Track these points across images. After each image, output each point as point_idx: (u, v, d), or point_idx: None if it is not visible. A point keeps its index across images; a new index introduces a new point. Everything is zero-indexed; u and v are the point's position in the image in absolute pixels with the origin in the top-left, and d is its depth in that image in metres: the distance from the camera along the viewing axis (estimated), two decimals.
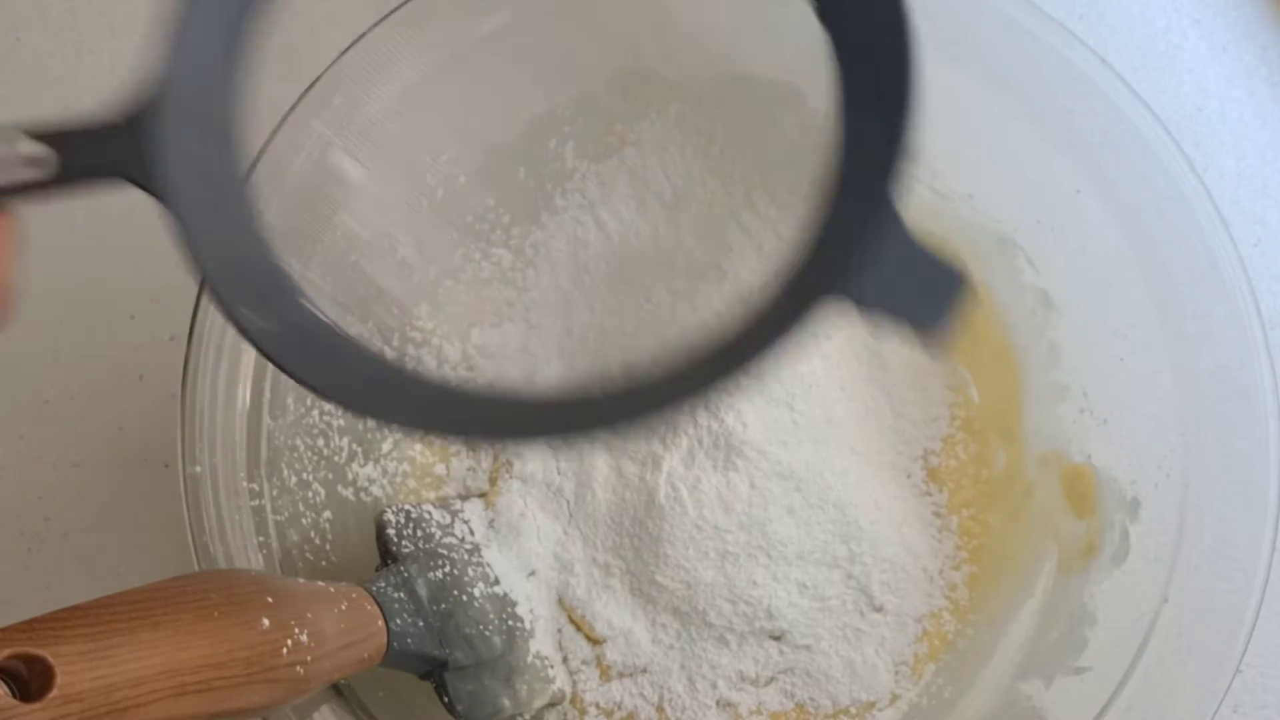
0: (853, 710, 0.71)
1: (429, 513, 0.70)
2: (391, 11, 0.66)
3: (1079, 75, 0.68)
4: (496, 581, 0.69)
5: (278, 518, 0.65)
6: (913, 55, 0.41)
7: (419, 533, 0.68)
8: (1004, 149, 0.72)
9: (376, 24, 0.66)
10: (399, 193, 0.72)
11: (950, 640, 0.73)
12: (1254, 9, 0.85)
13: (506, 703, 0.67)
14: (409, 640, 0.63)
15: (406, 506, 0.69)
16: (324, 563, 0.67)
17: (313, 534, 0.67)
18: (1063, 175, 0.69)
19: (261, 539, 0.63)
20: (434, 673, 0.65)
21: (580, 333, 0.77)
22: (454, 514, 0.71)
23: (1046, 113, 0.69)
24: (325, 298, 0.69)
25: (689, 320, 0.75)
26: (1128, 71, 0.68)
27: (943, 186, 0.75)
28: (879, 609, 0.72)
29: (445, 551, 0.67)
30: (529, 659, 0.69)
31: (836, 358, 0.74)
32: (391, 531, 0.68)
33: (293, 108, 0.65)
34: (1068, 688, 0.65)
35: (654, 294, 0.76)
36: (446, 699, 0.65)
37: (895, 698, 0.72)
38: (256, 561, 0.62)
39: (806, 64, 0.73)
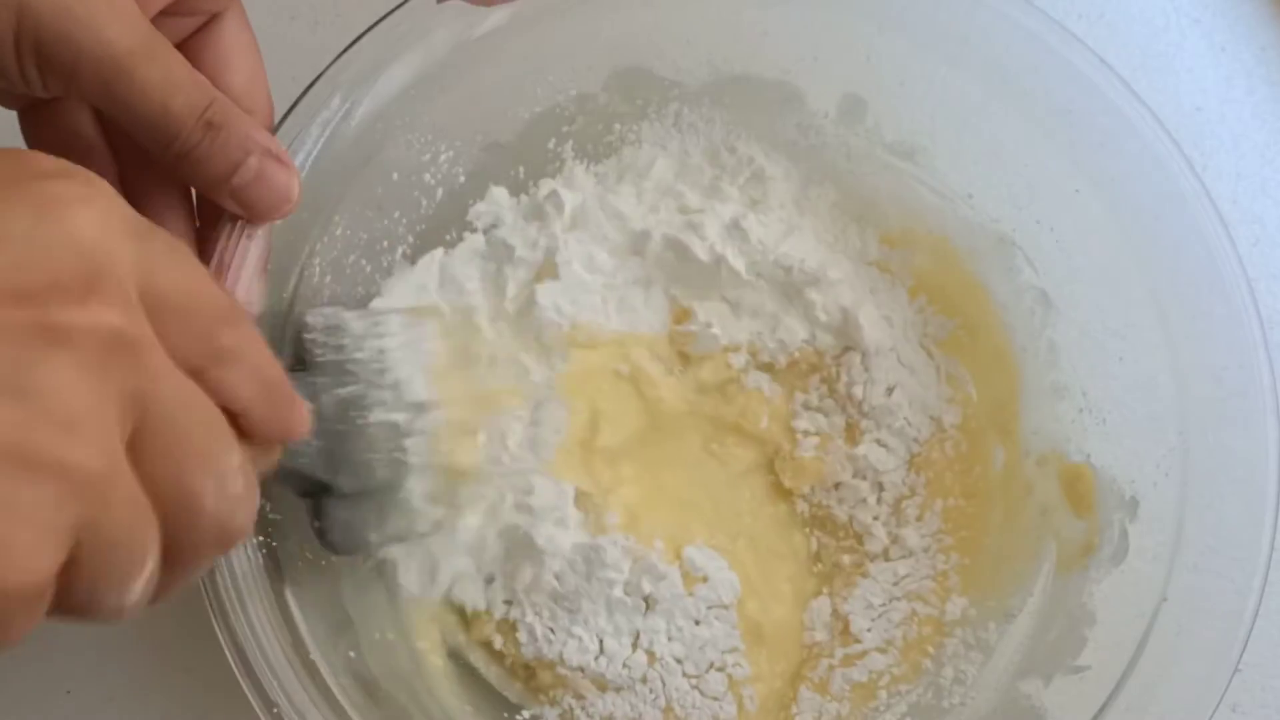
0: None
1: (348, 321, 0.64)
2: (391, 11, 0.66)
3: (1079, 75, 0.68)
4: (398, 408, 0.64)
5: (276, 516, 0.65)
6: None
7: (333, 342, 0.63)
8: (1004, 149, 0.72)
9: (376, 24, 0.66)
10: (399, 193, 0.72)
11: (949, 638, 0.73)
12: (1253, 9, 0.85)
13: (373, 537, 0.64)
14: (301, 459, 0.59)
15: (327, 309, 0.64)
16: (324, 562, 0.67)
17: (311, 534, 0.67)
18: (1062, 175, 0.69)
19: (261, 538, 0.63)
20: (313, 494, 0.62)
21: None
22: (373, 324, 0.65)
23: (1046, 113, 0.70)
24: (326, 296, 0.69)
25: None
26: (1127, 71, 0.68)
27: (943, 186, 0.75)
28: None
29: (355, 368, 0.63)
30: (406, 495, 0.65)
31: None
32: (310, 336, 0.63)
33: (292, 107, 0.65)
34: (1067, 687, 0.65)
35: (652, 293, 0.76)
36: (318, 524, 0.63)
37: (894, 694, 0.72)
38: (257, 560, 0.62)
39: (806, 64, 0.74)
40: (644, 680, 0.70)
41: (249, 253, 0.59)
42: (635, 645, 0.71)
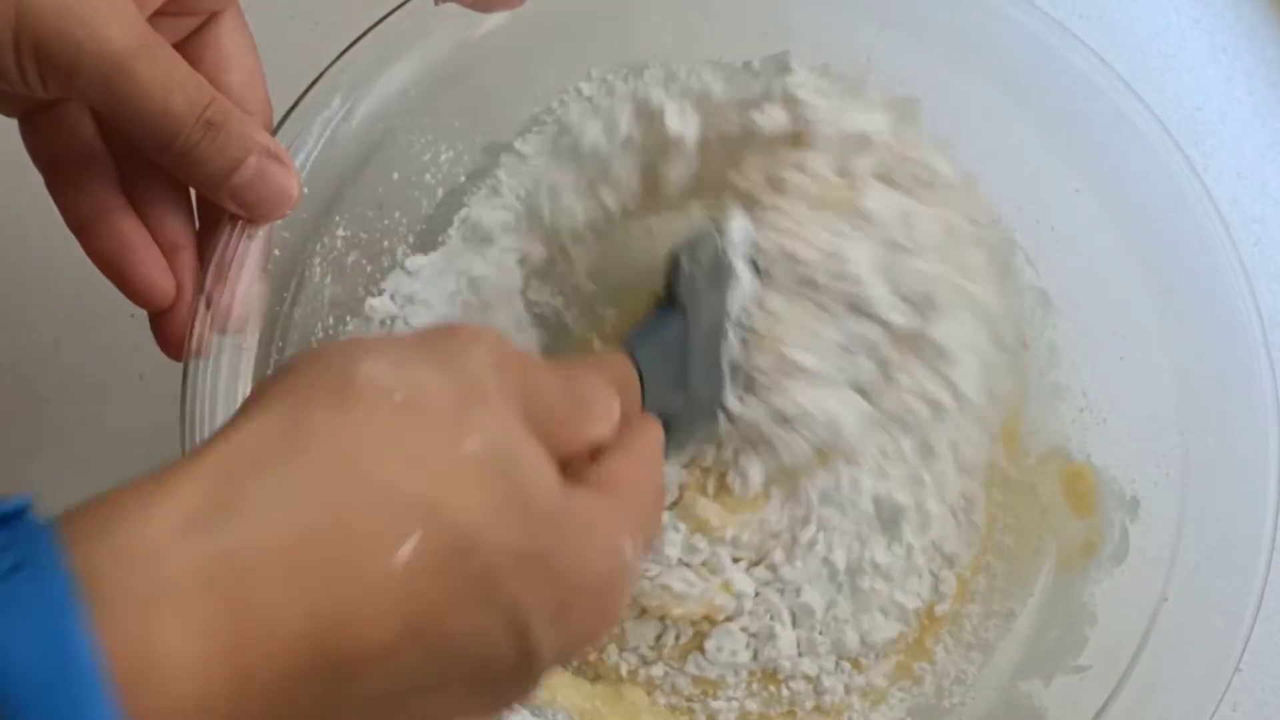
0: None
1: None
2: (391, 11, 0.66)
3: (1079, 75, 0.68)
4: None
5: None
6: None
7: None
8: (1004, 148, 0.72)
9: (377, 23, 0.66)
10: (399, 193, 0.72)
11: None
12: (1254, 9, 0.85)
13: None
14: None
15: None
16: None
17: None
18: (1062, 174, 0.69)
19: None
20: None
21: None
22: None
23: (1046, 112, 0.70)
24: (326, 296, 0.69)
25: None
26: (1127, 71, 0.68)
27: None
28: None
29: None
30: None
31: None
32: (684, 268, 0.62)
33: (293, 107, 0.65)
34: (1067, 687, 0.65)
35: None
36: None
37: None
38: None
39: (806, 64, 0.74)
40: None
41: (249, 253, 0.59)
42: None
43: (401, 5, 0.66)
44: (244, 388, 0.62)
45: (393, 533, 0.38)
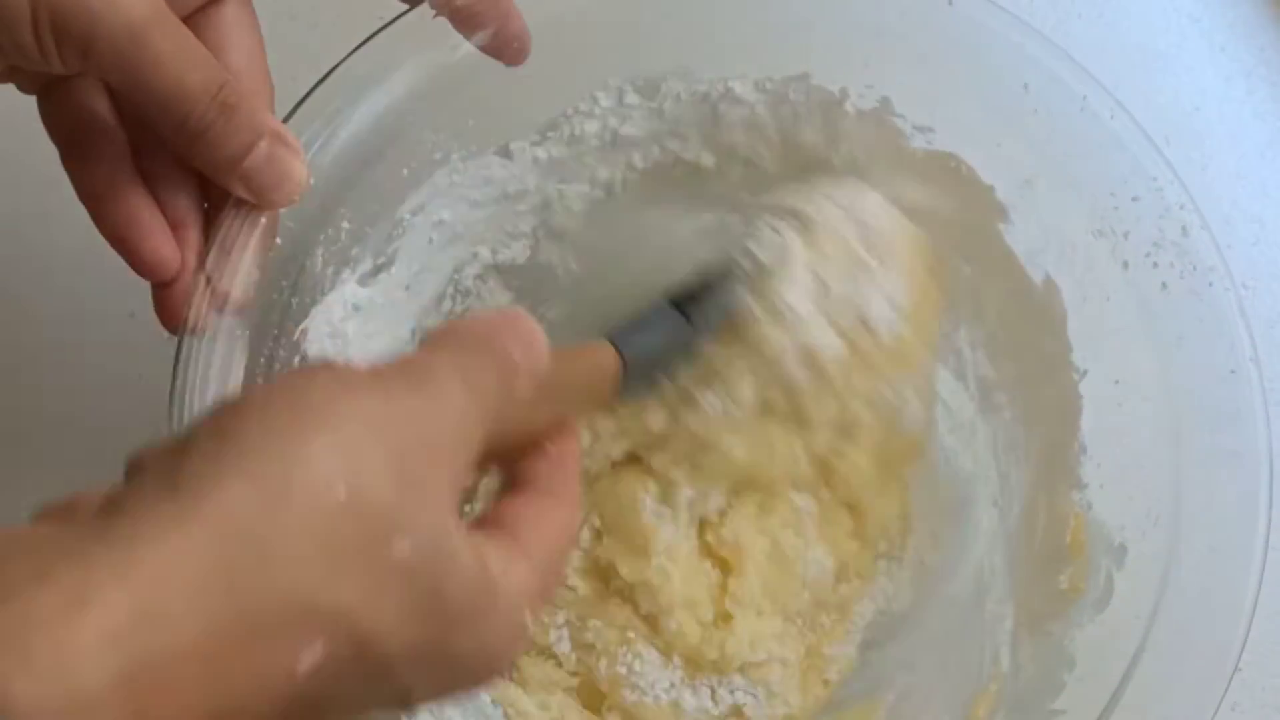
0: None
1: None
2: (395, 19, 0.66)
3: (1066, 88, 0.68)
4: None
5: None
6: None
7: None
8: (1001, 160, 0.72)
9: (380, 30, 0.66)
10: (407, 189, 0.71)
11: None
12: (1252, 8, 0.85)
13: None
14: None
15: None
16: None
17: None
18: (1071, 214, 0.69)
19: None
20: None
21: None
22: None
23: (1040, 123, 0.69)
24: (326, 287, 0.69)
25: None
26: (1125, 71, 0.68)
27: None
28: None
29: None
30: None
31: None
32: None
33: (305, 97, 0.65)
34: None
35: None
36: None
37: None
38: None
39: (802, 70, 0.73)
40: None
41: (252, 237, 0.59)
42: None
43: (403, 14, 0.66)
44: (236, 373, 0.62)
45: (301, 641, 0.38)
